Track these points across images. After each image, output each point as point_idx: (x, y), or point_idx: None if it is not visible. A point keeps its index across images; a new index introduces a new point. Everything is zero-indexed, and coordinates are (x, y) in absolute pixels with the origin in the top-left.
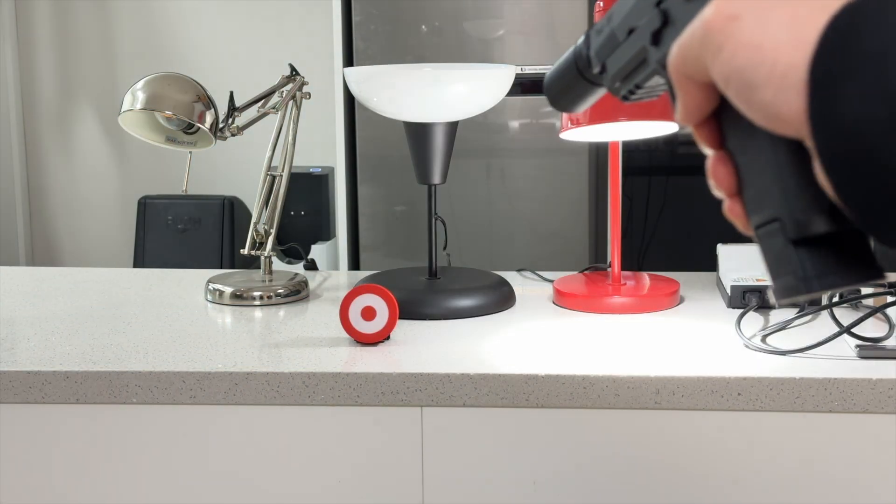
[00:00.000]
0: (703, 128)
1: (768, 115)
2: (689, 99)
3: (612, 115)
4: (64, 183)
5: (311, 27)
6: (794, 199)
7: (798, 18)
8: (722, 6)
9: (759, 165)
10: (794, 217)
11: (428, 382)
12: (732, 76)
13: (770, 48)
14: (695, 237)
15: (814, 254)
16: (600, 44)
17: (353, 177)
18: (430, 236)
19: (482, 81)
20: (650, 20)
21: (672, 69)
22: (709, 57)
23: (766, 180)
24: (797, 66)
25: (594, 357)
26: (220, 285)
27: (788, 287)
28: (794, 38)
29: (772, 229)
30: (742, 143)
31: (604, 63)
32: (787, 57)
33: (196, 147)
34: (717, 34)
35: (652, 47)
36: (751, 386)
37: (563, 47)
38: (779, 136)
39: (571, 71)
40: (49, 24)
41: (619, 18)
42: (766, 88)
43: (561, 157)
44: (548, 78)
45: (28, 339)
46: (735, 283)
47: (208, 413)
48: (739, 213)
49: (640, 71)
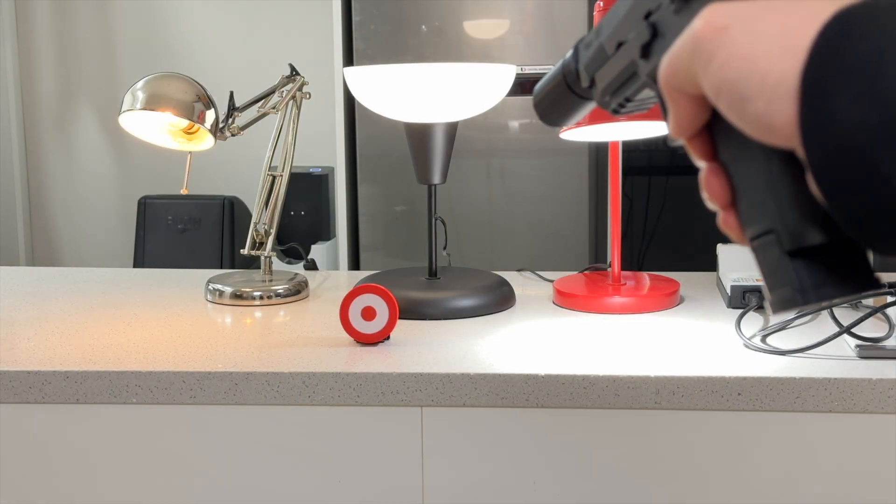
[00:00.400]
0: (696, 140)
1: (760, 126)
2: (681, 112)
3: (612, 115)
4: (64, 183)
5: (311, 27)
6: (789, 210)
7: (788, 28)
8: (711, 18)
9: (752, 177)
10: (789, 228)
11: (428, 382)
12: (723, 88)
13: (760, 59)
14: (695, 237)
15: (809, 265)
16: (589, 58)
17: (353, 177)
18: (430, 236)
19: (482, 81)
20: (639, 33)
21: (663, 82)
22: (699, 69)
23: (760, 192)
24: (788, 77)
25: (594, 357)
26: (220, 285)
27: (785, 299)
28: (785, 48)
29: (767, 241)
30: (735, 154)
31: (593, 77)
32: (778, 67)
33: (196, 147)
34: (707, 46)
35: (642, 60)
36: (751, 386)
37: (563, 47)
38: (771, 147)
39: (560, 85)
40: (49, 24)
41: (607, 32)
42: (758, 100)
43: (561, 157)
44: (536, 92)
45: (28, 339)
46: (735, 283)
47: (208, 413)
48: (734, 224)
49: (629, 84)
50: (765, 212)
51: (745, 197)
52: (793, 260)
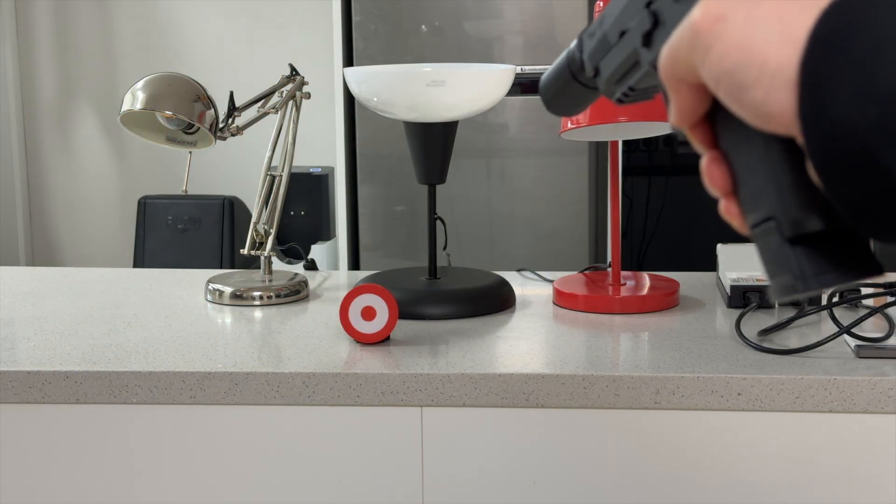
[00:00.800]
0: (697, 129)
1: (759, 114)
2: (682, 101)
3: (612, 115)
4: (64, 183)
5: (311, 27)
6: (789, 197)
7: (786, 16)
8: (709, 7)
9: (752, 164)
10: (789, 215)
11: (428, 382)
12: (722, 77)
13: (759, 48)
14: (695, 237)
15: (810, 252)
16: (593, 47)
17: (353, 177)
18: (431, 236)
19: (482, 81)
20: (641, 21)
21: (663, 72)
22: (698, 59)
23: (760, 179)
24: (786, 65)
25: (594, 357)
26: (220, 285)
27: (786, 286)
28: (783, 36)
29: (767, 228)
30: (735, 142)
31: (597, 66)
32: (777, 56)
33: (196, 147)
34: (705, 35)
35: (643, 49)
36: (751, 386)
37: (563, 47)
38: (771, 135)
39: (565, 75)
40: (49, 24)
41: (610, 21)
42: (756, 88)
43: (561, 157)
44: (542, 83)
45: (28, 339)
46: (735, 283)
47: (208, 413)
48: (735, 212)
49: (633, 73)
50: (765, 199)
51: (745, 184)
52: (793, 247)
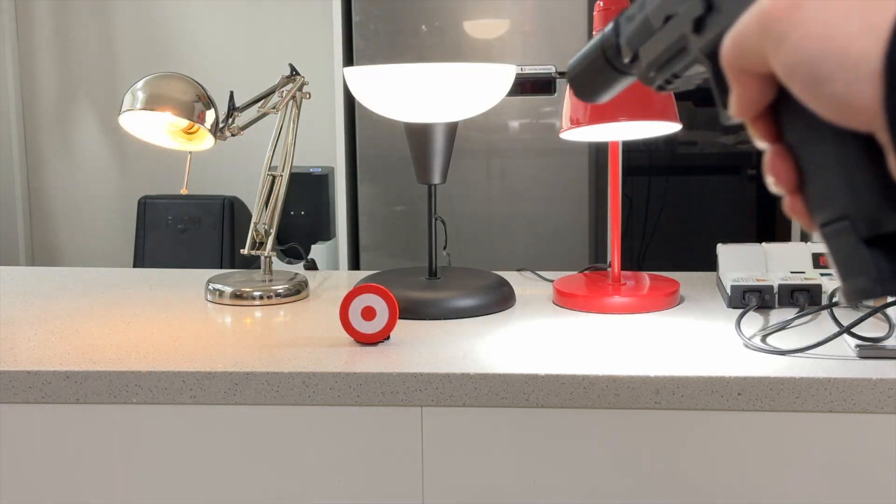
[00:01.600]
0: (759, 121)
1: (838, 108)
2: (746, 92)
3: (612, 115)
4: (64, 183)
5: (311, 27)
6: (866, 195)
7: (866, 5)
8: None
9: (823, 160)
10: (867, 215)
11: (428, 382)
12: (798, 68)
13: (839, 38)
14: (695, 237)
15: (888, 254)
16: (632, 31)
17: (353, 177)
18: (430, 236)
19: (482, 81)
20: (691, 6)
21: (726, 62)
22: (769, 48)
23: (832, 176)
24: (870, 56)
25: (594, 357)
26: (220, 285)
27: (861, 289)
28: (865, 25)
29: (840, 227)
30: (804, 136)
31: (636, 51)
32: (858, 46)
33: (196, 147)
34: (779, 24)
35: (693, 35)
36: (751, 386)
37: (563, 47)
38: (846, 129)
39: (598, 60)
40: (49, 24)
41: (653, 4)
42: (837, 81)
43: (561, 157)
44: (572, 67)
45: (28, 339)
46: (735, 283)
47: (208, 413)
48: (801, 210)
49: (678, 60)
50: (837, 196)
51: (815, 181)
52: (870, 248)
